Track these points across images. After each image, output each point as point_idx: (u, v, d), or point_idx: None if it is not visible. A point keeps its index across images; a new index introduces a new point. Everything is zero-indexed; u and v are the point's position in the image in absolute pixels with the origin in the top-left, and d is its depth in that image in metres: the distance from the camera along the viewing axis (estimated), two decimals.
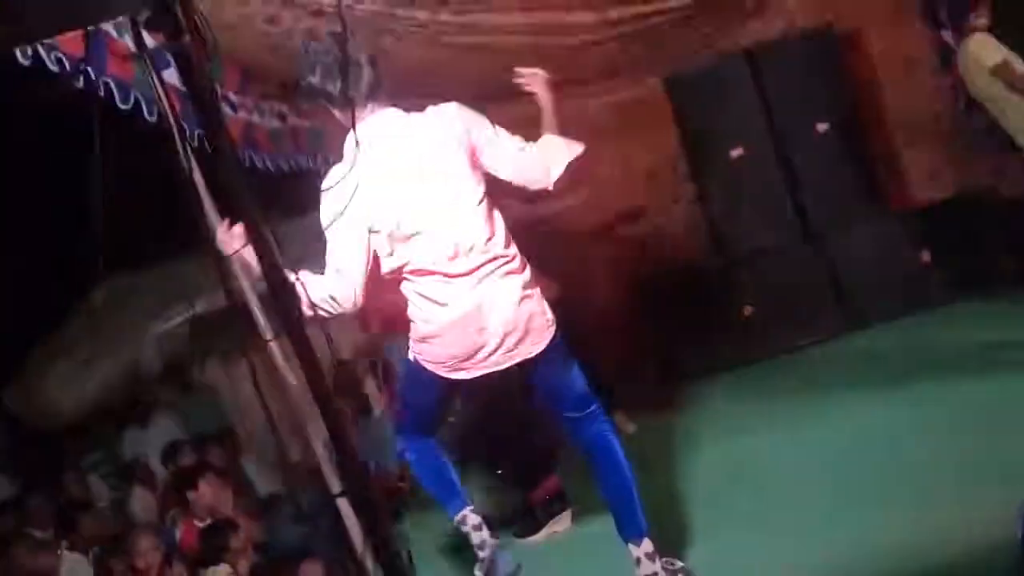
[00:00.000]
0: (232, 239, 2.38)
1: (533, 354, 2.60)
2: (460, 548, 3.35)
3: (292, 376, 2.52)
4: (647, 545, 2.64)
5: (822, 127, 5.51)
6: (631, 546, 2.66)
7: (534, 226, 3.57)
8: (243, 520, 4.47)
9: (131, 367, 6.13)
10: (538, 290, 2.63)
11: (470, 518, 2.98)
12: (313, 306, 2.35)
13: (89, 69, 3.14)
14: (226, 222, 2.44)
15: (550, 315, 2.63)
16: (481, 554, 2.99)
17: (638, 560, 2.64)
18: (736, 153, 5.57)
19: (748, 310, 5.32)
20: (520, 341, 2.58)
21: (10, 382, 6.31)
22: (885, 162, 5.71)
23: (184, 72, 1.94)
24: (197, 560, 4.20)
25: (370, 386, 5.51)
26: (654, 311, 5.54)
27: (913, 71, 5.65)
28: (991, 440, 2.97)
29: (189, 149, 2.24)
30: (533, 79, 2.92)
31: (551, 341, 2.61)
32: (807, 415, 3.89)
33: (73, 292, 6.45)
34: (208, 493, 4.54)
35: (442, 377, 2.66)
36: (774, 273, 5.36)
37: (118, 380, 6.10)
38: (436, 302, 2.57)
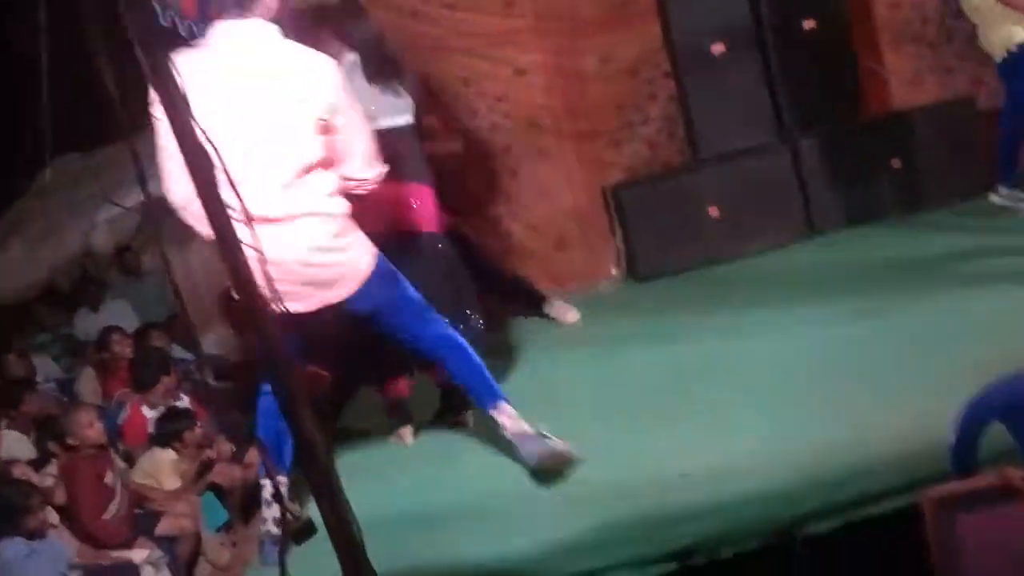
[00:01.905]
0: None
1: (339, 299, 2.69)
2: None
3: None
4: (508, 408, 2.85)
5: (808, 24, 5.31)
6: (493, 413, 2.86)
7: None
8: (197, 409, 4.43)
9: (81, 249, 5.98)
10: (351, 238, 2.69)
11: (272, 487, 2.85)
12: None
13: None
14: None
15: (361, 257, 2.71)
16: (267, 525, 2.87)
17: (503, 424, 2.84)
18: (718, 49, 5.36)
19: (715, 211, 5.22)
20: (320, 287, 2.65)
21: None
22: (868, 64, 5.52)
23: None
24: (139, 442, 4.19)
25: None
26: (621, 211, 5.42)
27: None
28: (941, 348, 2.94)
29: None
30: None
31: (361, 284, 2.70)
32: (763, 317, 3.86)
33: (23, 172, 6.25)
34: (169, 383, 4.49)
35: None
36: (745, 174, 5.23)
37: (68, 262, 5.96)
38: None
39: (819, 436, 2.49)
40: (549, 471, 2.74)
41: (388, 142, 3.16)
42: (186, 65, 2.23)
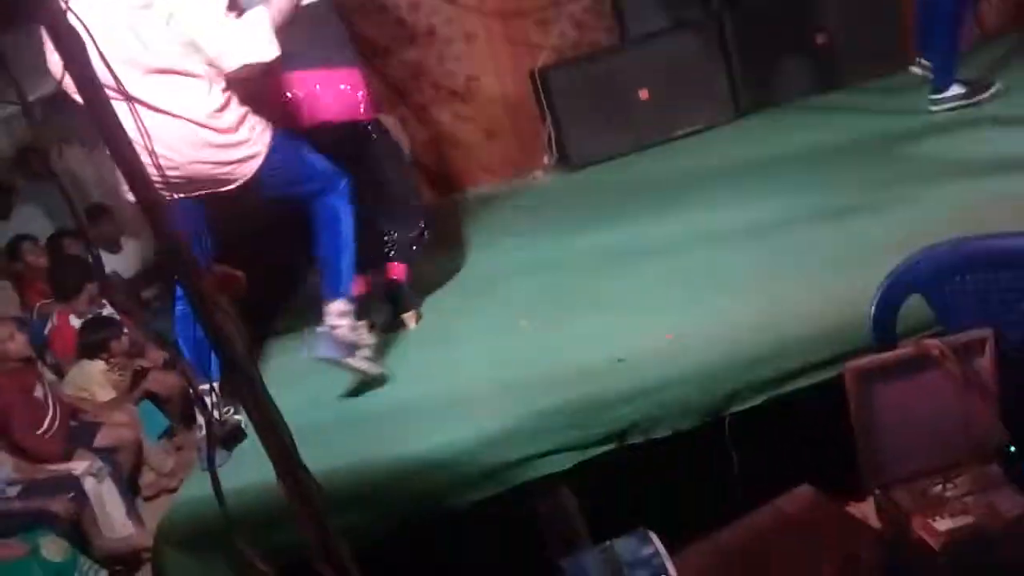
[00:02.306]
0: None
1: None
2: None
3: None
4: (341, 304, 2.83)
5: None
6: (325, 305, 2.83)
7: None
8: (122, 317, 4.31)
9: None
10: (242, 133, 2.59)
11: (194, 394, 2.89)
12: None
13: None
14: None
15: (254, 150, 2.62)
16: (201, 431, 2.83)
17: (326, 315, 2.83)
18: None
19: (643, 93, 5.16)
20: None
21: None
22: None
23: None
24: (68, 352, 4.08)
25: None
26: (550, 95, 5.31)
27: None
28: (862, 225, 2.99)
29: None
30: None
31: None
32: (690, 201, 3.89)
33: None
34: (92, 290, 4.34)
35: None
36: (670, 55, 5.16)
37: None
38: None
39: (746, 315, 2.55)
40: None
41: (304, 19, 2.95)
42: None
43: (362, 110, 3.31)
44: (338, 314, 2.82)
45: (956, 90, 4.07)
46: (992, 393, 1.88)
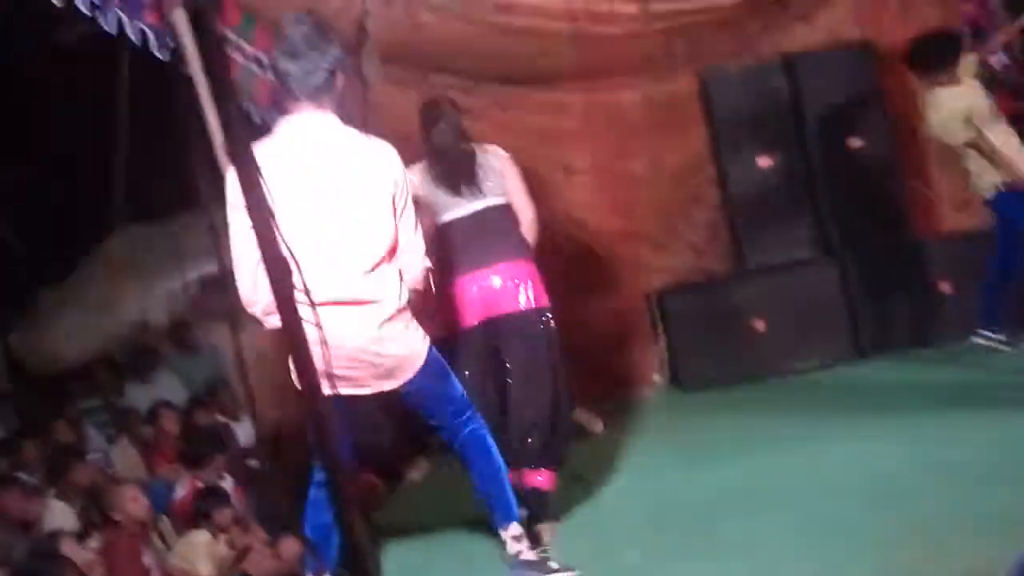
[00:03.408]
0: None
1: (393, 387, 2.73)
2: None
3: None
4: (514, 528, 2.88)
5: (855, 143, 5.41)
6: (501, 531, 2.89)
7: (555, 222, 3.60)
8: (233, 490, 4.43)
9: (139, 321, 6.12)
10: (410, 326, 2.72)
11: None
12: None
13: (121, 13, 3.13)
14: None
15: (418, 348, 2.74)
16: None
17: (506, 542, 2.88)
18: (764, 162, 5.47)
19: (760, 324, 5.22)
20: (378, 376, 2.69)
21: (18, 326, 6.33)
22: (915, 186, 5.58)
23: (194, 19, 1.88)
24: (186, 522, 4.18)
25: None
26: (666, 317, 5.44)
27: None
28: (989, 487, 2.90)
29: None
30: None
31: (415, 373, 2.73)
32: (804, 440, 3.83)
33: (88, 240, 6.47)
34: (220, 461, 4.50)
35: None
36: (789, 289, 5.27)
37: (124, 333, 6.09)
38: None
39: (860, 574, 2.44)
40: None
41: (487, 220, 3.39)
42: (259, 153, 2.48)
43: (537, 298, 3.45)
44: (516, 538, 2.89)
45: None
46: None
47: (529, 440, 3.37)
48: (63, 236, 6.36)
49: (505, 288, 3.39)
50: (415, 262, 2.74)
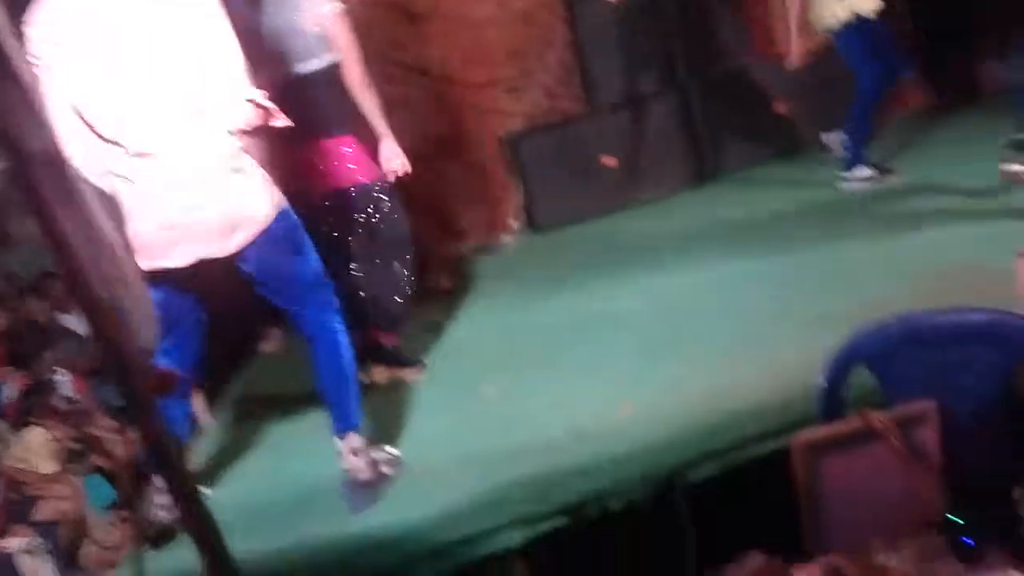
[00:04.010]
0: None
1: (223, 253, 2.43)
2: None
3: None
4: (353, 439, 2.64)
5: None
6: (337, 440, 2.65)
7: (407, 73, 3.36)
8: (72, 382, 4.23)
9: None
10: (245, 177, 2.44)
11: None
12: None
13: None
14: None
15: (256, 205, 2.45)
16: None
17: (341, 454, 2.64)
18: None
19: (610, 160, 5.27)
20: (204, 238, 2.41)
21: None
22: (755, 9, 5.59)
23: None
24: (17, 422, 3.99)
25: None
26: (520, 161, 5.41)
27: None
28: (813, 297, 3.06)
29: None
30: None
31: (252, 237, 2.44)
32: (648, 268, 3.95)
33: None
34: (51, 358, 4.27)
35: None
36: (637, 123, 5.28)
37: None
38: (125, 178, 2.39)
39: (701, 385, 2.58)
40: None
41: (303, 89, 3.02)
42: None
43: (368, 172, 3.27)
44: (353, 451, 2.63)
45: (864, 172, 4.27)
46: (935, 465, 1.90)
47: (377, 317, 3.35)
48: None
49: (332, 165, 3.20)
50: (233, 93, 2.39)
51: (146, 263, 2.37)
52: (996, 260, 2.59)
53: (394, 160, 3.25)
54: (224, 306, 3.04)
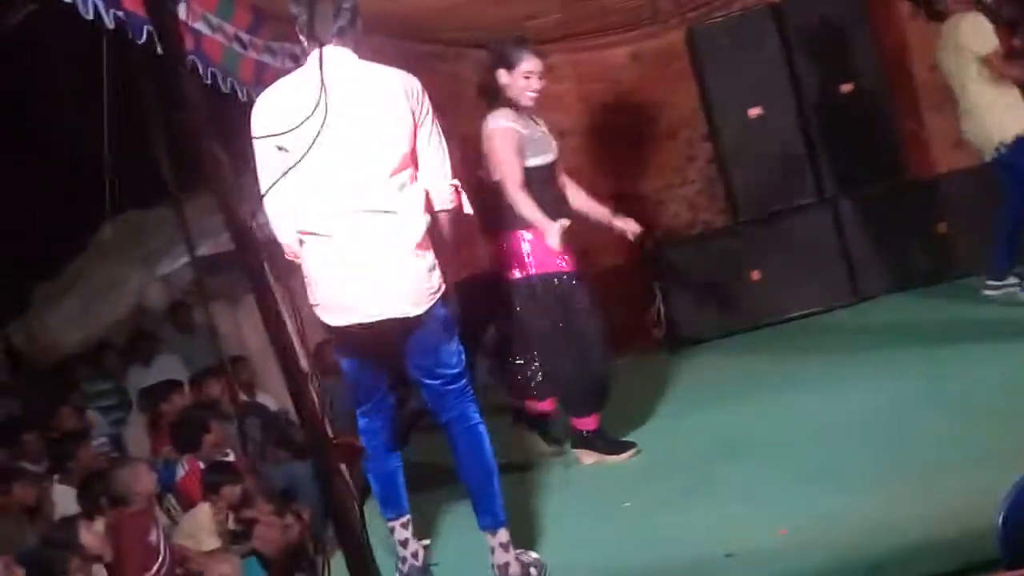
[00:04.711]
0: None
1: (408, 314, 2.59)
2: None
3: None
4: (502, 535, 2.68)
5: (846, 88, 5.35)
6: (487, 535, 2.70)
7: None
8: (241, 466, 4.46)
9: (135, 306, 6.13)
10: (429, 254, 2.62)
11: (398, 531, 2.89)
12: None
13: (99, 2, 3.07)
14: None
15: (435, 282, 2.63)
16: (401, 567, 2.91)
17: (492, 549, 2.69)
18: (755, 112, 5.42)
19: (756, 274, 5.22)
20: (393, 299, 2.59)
21: (16, 317, 6.34)
22: (908, 128, 5.52)
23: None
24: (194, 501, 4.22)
25: None
26: (663, 273, 5.43)
27: None
28: (980, 423, 2.90)
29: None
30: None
31: (431, 308, 2.61)
32: (805, 387, 3.83)
33: (82, 228, 6.46)
34: (217, 436, 4.54)
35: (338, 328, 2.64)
36: (785, 238, 5.25)
37: (121, 319, 6.11)
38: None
39: (862, 517, 2.45)
40: None
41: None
42: (275, 95, 2.62)
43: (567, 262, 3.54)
44: (503, 546, 2.68)
45: (1010, 280, 4.20)
46: None
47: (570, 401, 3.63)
48: (57, 225, 6.35)
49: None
50: (440, 183, 2.66)
51: (332, 318, 2.62)
52: None
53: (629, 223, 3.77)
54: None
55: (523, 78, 3.44)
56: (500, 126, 3.45)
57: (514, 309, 3.55)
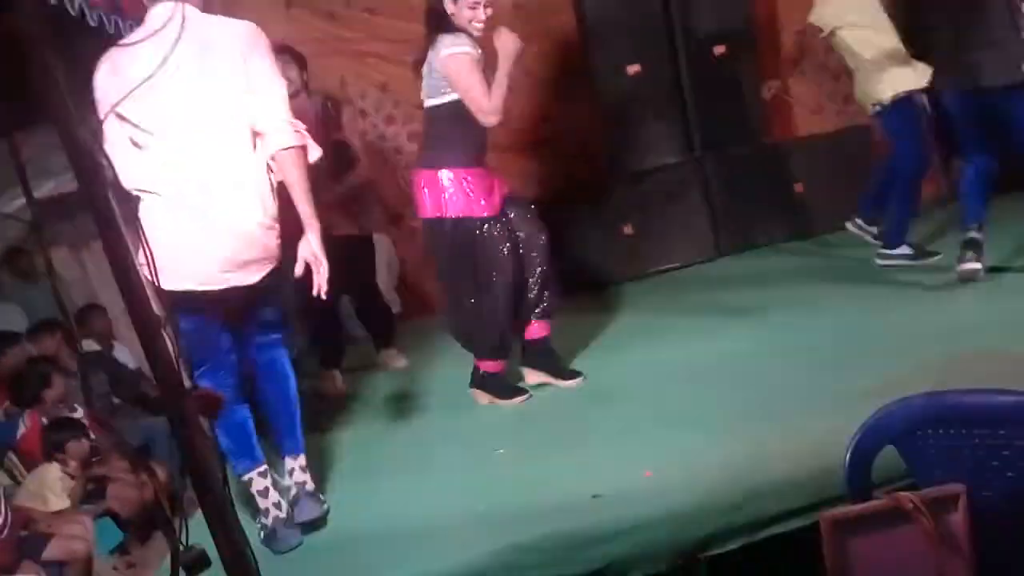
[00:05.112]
0: None
1: (246, 282, 2.66)
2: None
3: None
4: (302, 458, 2.90)
5: (719, 50, 5.48)
6: (288, 458, 2.89)
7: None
8: (91, 422, 4.23)
9: None
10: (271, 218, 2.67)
11: (256, 481, 2.82)
12: None
13: None
14: None
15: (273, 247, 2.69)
16: (263, 520, 2.81)
17: (291, 471, 2.88)
18: (633, 69, 5.48)
19: (628, 228, 5.34)
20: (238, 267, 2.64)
21: None
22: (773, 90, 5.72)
23: None
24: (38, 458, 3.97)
25: None
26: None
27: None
28: (838, 370, 3.06)
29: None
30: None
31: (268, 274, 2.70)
32: (667, 336, 3.96)
33: None
34: (58, 389, 4.28)
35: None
36: (655, 194, 5.38)
37: None
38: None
39: (723, 457, 2.56)
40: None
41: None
42: (125, 56, 2.48)
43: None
44: (303, 468, 2.89)
45: (904, 251, 4.26)
46: (965, 549, 1.88)
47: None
48: None
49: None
50: (277, 123, 2.61)
51: (172, 284, 2.45)
52: None
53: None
54: None
55: (468, 8, 3.36)
56: (461, 50, 3.34)
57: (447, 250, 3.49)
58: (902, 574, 1.87)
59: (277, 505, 2.79)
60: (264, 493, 2.79)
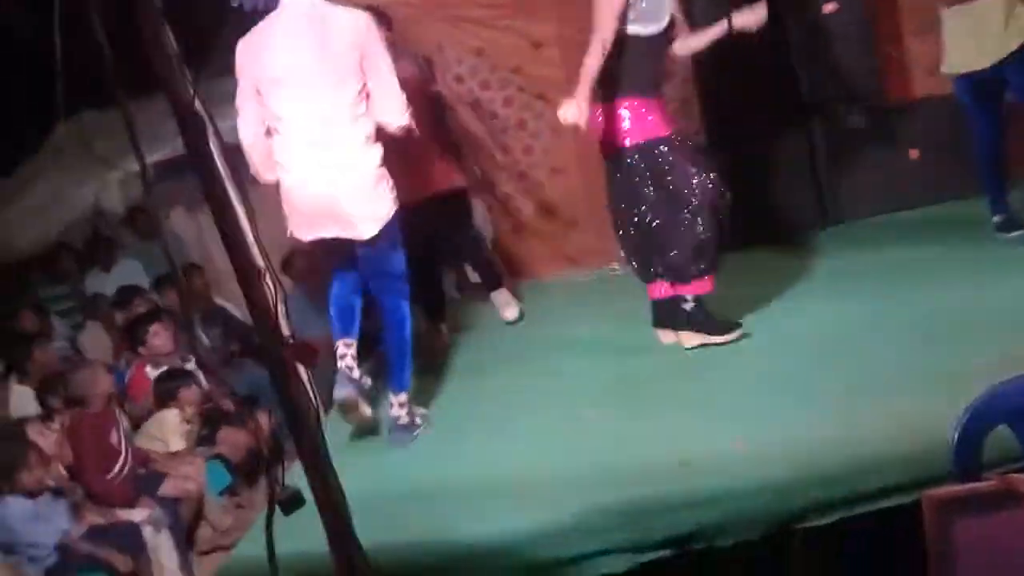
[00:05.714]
0: None
1: (362, 236, 3.17)
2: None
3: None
4: (403, 396, 3.34)
5: (830, 7, 5.21)
6: (391, 394, 3.35)
7: None
8: (200, 370, 4.44)
9: (92, 209, 5.96)
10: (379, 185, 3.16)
11: (340, 348, 3.29)
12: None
13: None
14: None
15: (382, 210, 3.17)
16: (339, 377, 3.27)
17: (391, 405, 3.35)
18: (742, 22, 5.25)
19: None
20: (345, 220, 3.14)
21: None
22: (888, 51, 5.42)
23: None
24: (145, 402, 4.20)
25: None
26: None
27: None
28: (950, 346, 2.92)
29: None
30: None
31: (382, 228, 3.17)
32: (771, 307, 3.83)
33: (37, 129, 6.21)
34: (162, 338, 4.51)
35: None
36: (760, 159, 5.15)
37: (79, 221, 5.94)
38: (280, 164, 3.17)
39: (822, 430, 2.48)
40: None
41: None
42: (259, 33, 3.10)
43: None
44: (401, 405, 3.34)
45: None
46: None
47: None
48: (10, 126, 6.09)
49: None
50: (391, 108, 3.14)
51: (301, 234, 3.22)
52: None
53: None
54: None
55: None
56: None
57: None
58: (1009, 561, 1.77)
59: (350, 368, 3.27)
60: (342, 357, 3.29)
